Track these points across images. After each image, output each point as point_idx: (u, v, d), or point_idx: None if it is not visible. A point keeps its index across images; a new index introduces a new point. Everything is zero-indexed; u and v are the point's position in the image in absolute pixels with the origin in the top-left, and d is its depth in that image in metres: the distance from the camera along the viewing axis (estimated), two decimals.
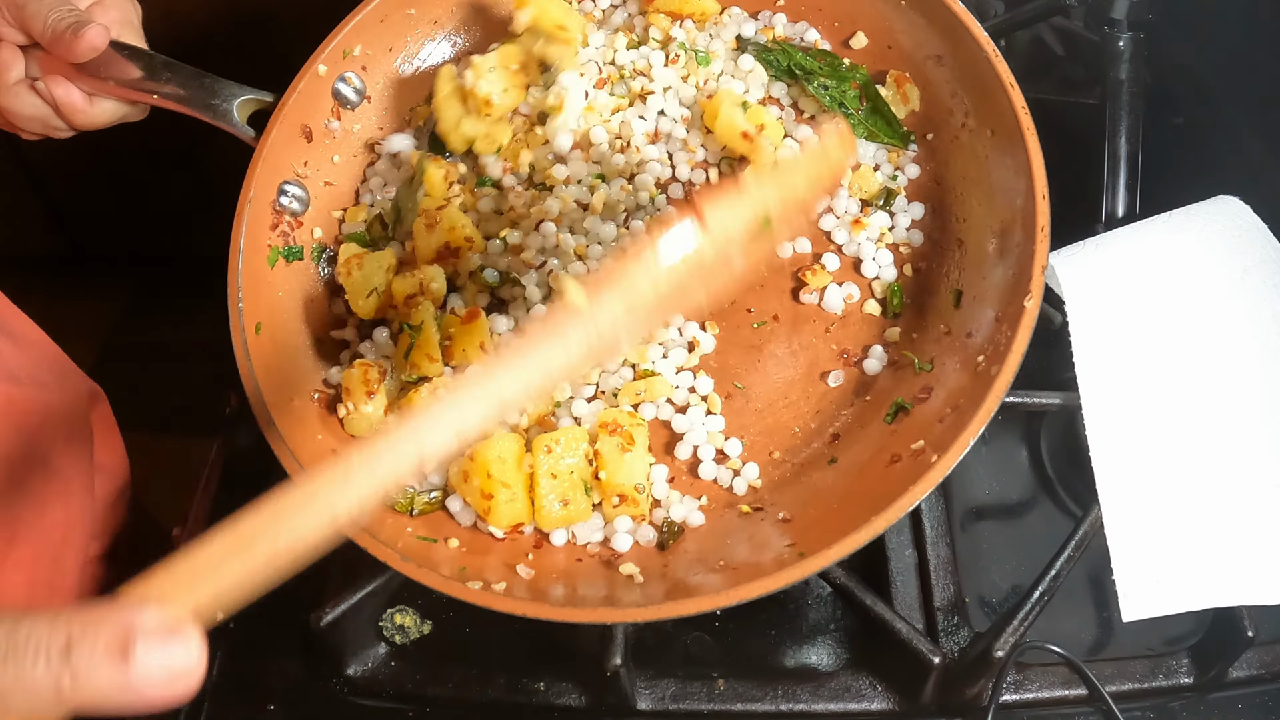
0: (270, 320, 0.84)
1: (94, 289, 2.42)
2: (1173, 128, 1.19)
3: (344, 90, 0.94)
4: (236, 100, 0.89)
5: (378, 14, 0.93)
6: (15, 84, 0.90)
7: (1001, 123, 0.84)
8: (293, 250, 0.89)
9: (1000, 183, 0.84)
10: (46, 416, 0.96)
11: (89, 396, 1.09)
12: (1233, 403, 0.83)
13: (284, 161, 0.89)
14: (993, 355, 0.76)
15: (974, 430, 0.71)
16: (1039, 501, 0.92)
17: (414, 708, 0.79)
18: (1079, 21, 1.30)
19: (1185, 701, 0.79)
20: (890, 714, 0.79)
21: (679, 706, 0.79)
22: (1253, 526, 0.78)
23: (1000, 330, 0.77)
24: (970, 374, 0.78)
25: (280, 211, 0.89)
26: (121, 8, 0.92)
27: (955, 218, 0.89)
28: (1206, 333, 0.85)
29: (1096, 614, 0.85)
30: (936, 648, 0.76)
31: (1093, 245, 0.92)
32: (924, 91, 0.93)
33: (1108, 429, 0.82)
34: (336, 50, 0.91)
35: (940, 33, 0.90)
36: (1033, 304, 0.76)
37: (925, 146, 0.93)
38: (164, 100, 0.89)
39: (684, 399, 0.85)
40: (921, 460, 0.73)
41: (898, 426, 0.80)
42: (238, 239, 0.84)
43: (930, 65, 0.92)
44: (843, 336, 0.88)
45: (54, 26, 0.85)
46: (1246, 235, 0.90)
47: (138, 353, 2.31)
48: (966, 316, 0.83)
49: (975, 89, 0.88)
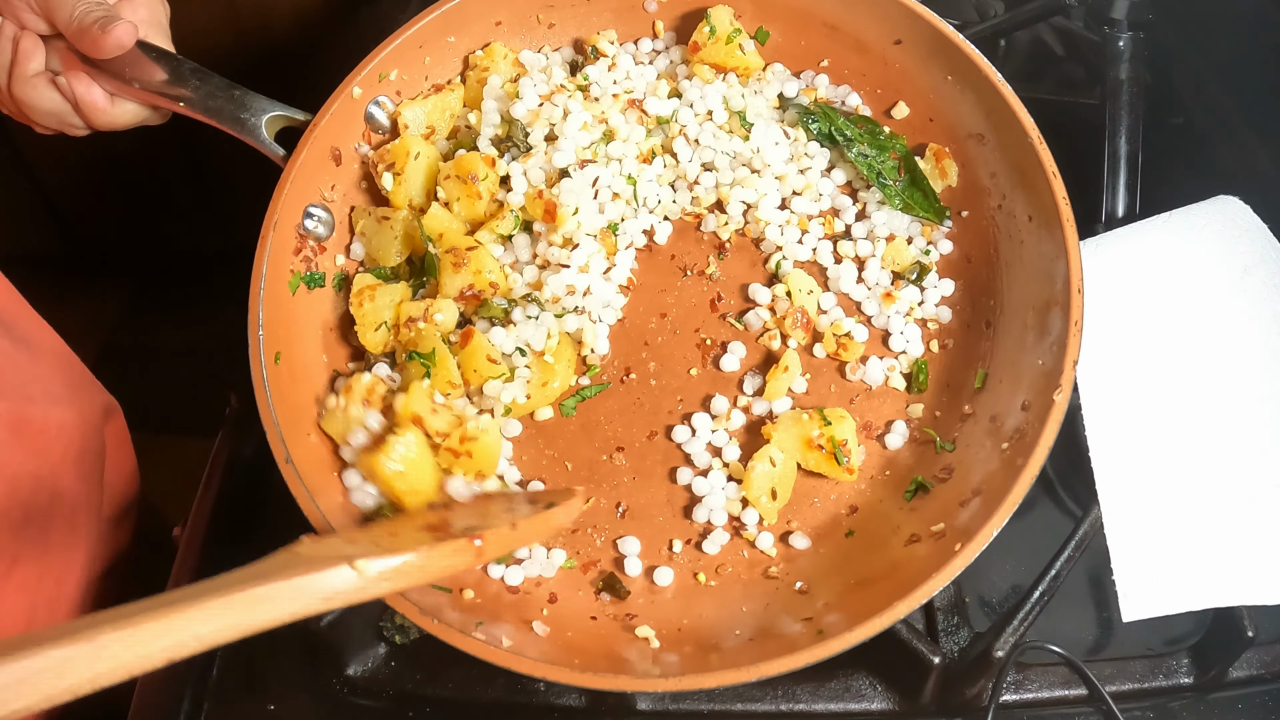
0: (289, 350, 0.82)
1: (94, 289, 2.41)
2: (1173, 128, 1.19)
3: (377, 114, 0.90)
4: (266, 115, 0.85)
5: (416, 40, 0.90)
6: (34, 76, 0.87)
7: (1041, 209, 0.83)
8: (315, 277, 0.86)
9: (1035, 268, 0.83)
10: (58, 437, 0.94)
11: (104, 412, 1.06)
12: (1232, 403, 0.83)
13: (311, 184, 0.86)
14: (1018, 445, 0.76)
15: (999, 521, 0.71)
16: (1039, 501, 0.92)
17: (414, 708, 0.79)
18: (1079, 21, 1.30)
19: (1185, 701, 0.79)
20: (890, 714, 0.79)
21: (678, 706, 0.79)
22: (1253, 526, 0.78)
23: (1027, 420, 0.76)
24: (995, 460, 0.77)
25: (305, 235, 0.86)
26: (151, 6, 0.89)
27: (986, 297, 0.88)
28: (1206, 332, 0.85)
29: (1096, 614, 0.85)
30: (936, 648, 0.76)
31: (1093, 245, 0.91)
32: (962, 169, 0.91)
33: (1108, 429, 0.82)
34: (373, 74, 0.88)
35: (985, 113, 0.88)
36: (1062, 398, 0.75)
37: (960, 223, 0.91)
38: (189, 109, 0.85)
39: (706, 462, 0.85)
40: (943, 545, 0.73)
41: (917, 504, 0.80)
42: (260, 263, 0.80)
43: (971, 143, 0.90)
44: (865, 409, 0.86)
45: (80, 19, 0.83)
46: (1246, 235, 0.90)
47: (138, 353, 2.31)
48: (992, 399, 0.82)
49: (1016, 172, 0.86)
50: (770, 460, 0.81)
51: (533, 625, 0.76)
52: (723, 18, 0.93)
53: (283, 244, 0.83)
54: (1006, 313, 0.85)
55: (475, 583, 0.79)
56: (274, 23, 1.91)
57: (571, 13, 0.96)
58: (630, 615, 0.79)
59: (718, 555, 0.82)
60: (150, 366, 2.26)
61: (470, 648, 0.69)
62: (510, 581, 0.80)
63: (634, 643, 0.76)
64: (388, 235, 0.88)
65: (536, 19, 0.95)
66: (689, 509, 0.83)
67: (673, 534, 0.83)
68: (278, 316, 0.81)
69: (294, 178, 0.84)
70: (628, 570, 0.81)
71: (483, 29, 0.94)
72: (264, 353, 0.78)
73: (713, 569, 0.81)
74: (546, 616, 0.78)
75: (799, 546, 0.82)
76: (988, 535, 0.71)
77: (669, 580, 0.81)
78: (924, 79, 0.92)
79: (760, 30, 0.96)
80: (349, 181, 0.90)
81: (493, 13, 0.93)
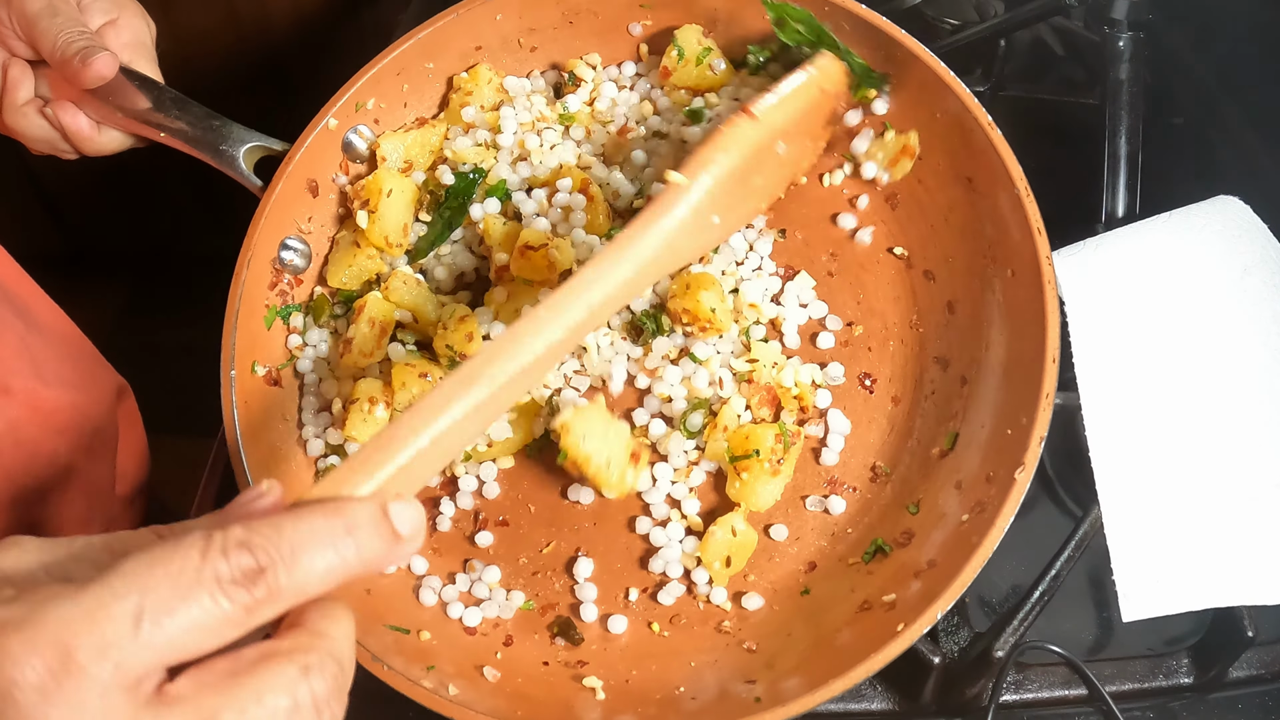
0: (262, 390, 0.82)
1: (94, 289, 2.41)
2: (1173, 128, 1.19)
3: (356, 143, 0.89)
4: (244, 146, 0.85)
5: (394, 67, 0.88)
6: (24, 104, 0.87)
7: (1023, 265, 0.78)
8: (289, 310, 0.86)
9: (1013, 328, 0.79)
10: (73, 418, 0.95)
11: (116, 393, 1.07)
12: (1233, 403, 0.83)
13: (288, 217, 0.85)
14: (976, 521, 0.72)
15: (945, 604, 0.68)
16: (1039, 501, 0.92)
17: (414, 707, 0.79)
18: (1079, 21, 1.30)
19: (1185, 701, 0.79)
20: (890, 714, 0.79)
21: None
22: (1253, 526, 0.78)
23: (988, 493, 0.73)
24: (953, 532, 0.74)
25: (281, 269, 0.85)
26: (135, 28, 0.90)
27: (964, 351, 0.83)
28: (1206, 333, 0.85)
29: (1096, 614, 0.85)
30: (936, 648, 0.76)
31: (1093, 245, 0.92)
32: (950, 211, 0.84)
33: (1108, 429, 0.82)
34: (349, 104, 0.87)
35: (972, 155, 0.82)
36: (1024, 477, 0.71)
37: (947, 268, 0.85)
38: (170, 138, 0.86)
39: (664, 513, 0.82)
40: (889, 620, 0.71)
41: (875, 568, 0.77)
42: (234, 300, 0.80)
43: (960, 186, 0.84)
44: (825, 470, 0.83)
45: (63, 49, 0.83)
46: (1246, 235, 0.90)
47: (138, 353, 2.31)
48: (958, 463, 0.78)
49: (1002, 221, 0.80)
50: (731, 529, 0.79)
51: (484, 670, 0.76)
52: (690, 39, 0.89)
53: (258, 278, 0.83)
54: (983, 371, 0.80)
55: (431, 622, 0.79)
56: (274, 24, 1.92)
57: (553, 35, 0.93)
58: (581, 663, 0.78)
59: (672, 606, 0.80)
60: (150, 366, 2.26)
61: (418, 696, 0.70)
62: (469, 623, 0.80)
63: (580, 693, 0.76)
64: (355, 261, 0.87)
65: (518, 43, 0.93)
66: (645, 559, 0.82)
67: (629, 582, 0.81)
68: (252, 353, 0.82)
69: (269, 212, 0.83)
70: (583, 616, 0.80)
71: (462, 54, 0.91)
72: (235, 397, 0.79)
73: (666, 619, 0.80)
74: (500, 661, 0.78)
75: (751, 607, 0.79)
76: (931, 617, 0.68)
77: (623, 629, 0.79)
78: (913, 114, 0.85)
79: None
80: (327, 213, 0.89)
81: (472, 37, 0.91)
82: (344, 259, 0.87)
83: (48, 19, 0.84)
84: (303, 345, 0.87)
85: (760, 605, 0.80)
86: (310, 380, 0.87)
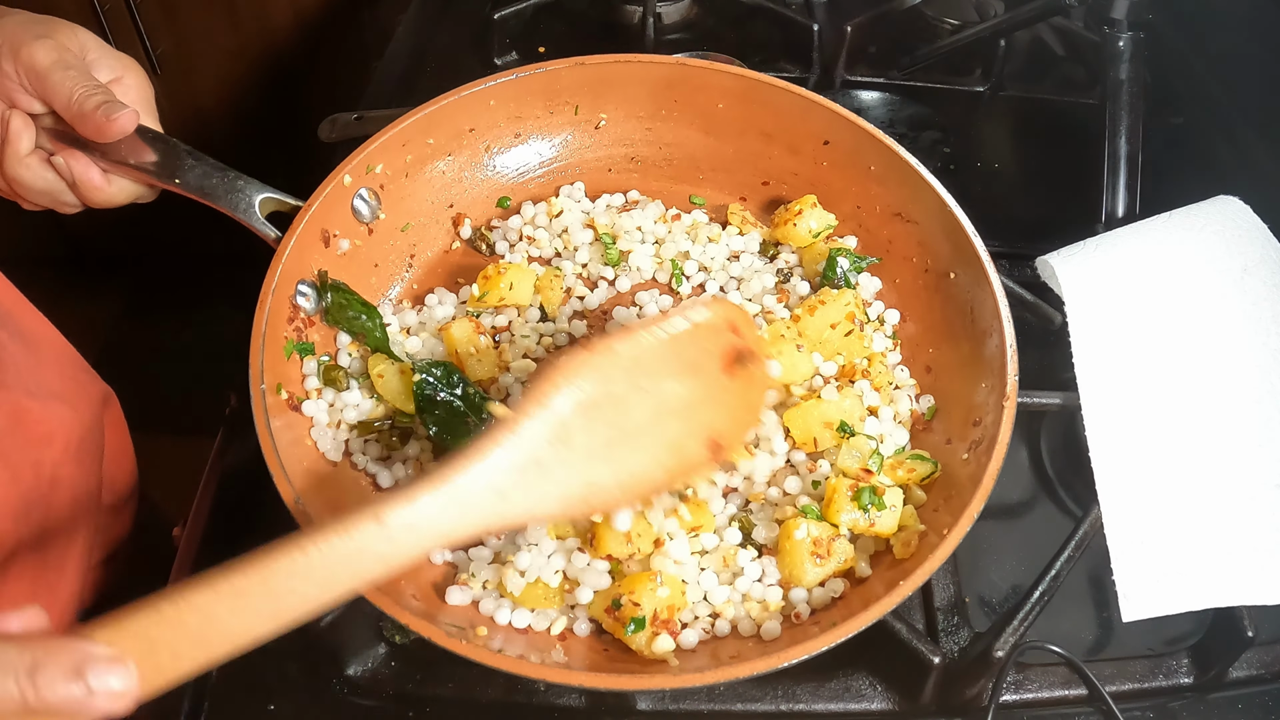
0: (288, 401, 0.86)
1: (94, 289, 2.42)
2: (1173, 128, 1.19)
3: (361, 209, 0.94)
4: (258, 198, 0.88)
5: (399, 139, 0.94)
6: (28, 155, 0.87)
7: (965, 263, 0.86)
8: (305, 346, 0.88)
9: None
10: (58, 428, 0.95)
11: (102, 401, 1.07)
12: (1232, 403, 0.83)
13: (303, 262, 0.89)
14: (976, 454, 0.77)
15: (964, 526, 0.71)
16: (1039, 501, 0.92)
17: (414, 708, 0.79)
18: (1079, 21, 1.31)
19: (1185, 701, 0.79)
20: (890, 714, 0.79)
21: (679, 706, 0.79)
22: (1253, 526, 0.78)
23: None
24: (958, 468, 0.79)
25: (296, 308, 0.88)
26: (141, 88, 0.90)
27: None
28: (1206, 333, 0.86)
29: (1096, 614, 0.85)
30: (936, 648, 0.76)
31: (1093, 245, 0.92)
32: (890, 243, 0.95)
33: (1108, 429, 0.82)
34: (361, 165, 0.92)
35: (908, 194, 0.92)
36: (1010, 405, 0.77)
37: (896, 289, 0.94)
38: (184, 189, 0.88)
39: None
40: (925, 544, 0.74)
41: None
42: (258, 336, 0.82)
43: (897, 222, 0.94)
44: None
45: (80, 103, 0.83)
46: (1246, 235, 0.90)
47: (138, 353, 2.31)
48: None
49: (938, 238, 0.90)
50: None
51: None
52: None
53: (278, 312, 0.85)
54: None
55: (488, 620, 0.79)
56: (274, 24, 1.92)
57: (535, 124, 1.02)
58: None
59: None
60: (150, 366, 2.26)
61: (469, 652, 0.68)
62: (518, 625, 0.78)
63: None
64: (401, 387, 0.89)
65: (506, 128, 1.01)
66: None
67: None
68: (275, 375, 0.83)
69: (286, 261, 0.85)
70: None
71: (456, 133, 0.99)
72: (267, 409, 0.79)
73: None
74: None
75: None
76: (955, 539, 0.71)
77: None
78: (850, 171, 0.96)
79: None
80: (334, 263, 0.93)
81: (466, 120, 0.99)
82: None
83: (60, 72, 0.83)
84: (320, 389, 0.88)
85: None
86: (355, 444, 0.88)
